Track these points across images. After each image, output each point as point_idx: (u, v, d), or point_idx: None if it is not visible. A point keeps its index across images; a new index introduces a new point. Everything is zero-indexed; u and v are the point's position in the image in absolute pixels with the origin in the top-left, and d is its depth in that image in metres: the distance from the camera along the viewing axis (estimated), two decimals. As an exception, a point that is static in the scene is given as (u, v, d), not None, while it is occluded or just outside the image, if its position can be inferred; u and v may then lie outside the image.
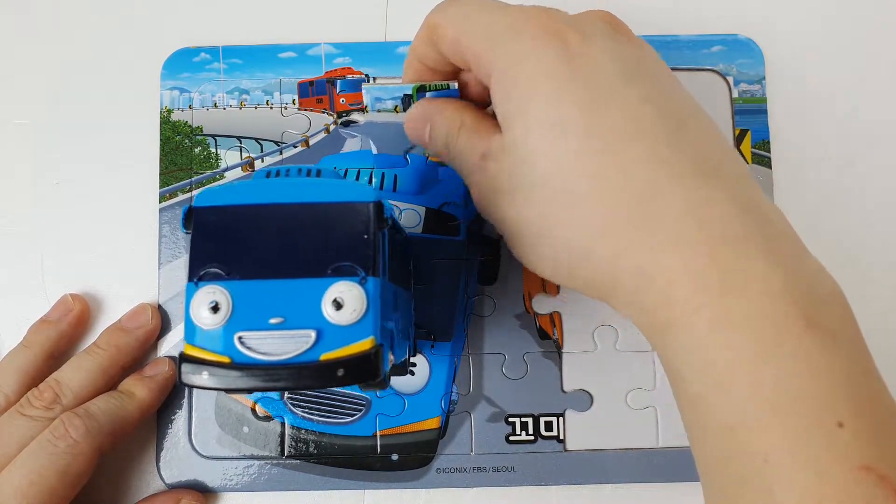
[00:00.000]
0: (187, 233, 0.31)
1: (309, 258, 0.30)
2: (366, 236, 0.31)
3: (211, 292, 0.30)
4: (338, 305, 0.29)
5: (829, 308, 0.30)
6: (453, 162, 0.39)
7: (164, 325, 0.47)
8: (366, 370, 0.29)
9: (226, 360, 0.29)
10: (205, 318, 0.30)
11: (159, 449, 0.46)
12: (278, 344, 0.29)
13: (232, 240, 0.31)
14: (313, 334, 0.29)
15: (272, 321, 0.30)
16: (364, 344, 0.29)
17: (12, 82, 0.51)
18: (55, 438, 0.40)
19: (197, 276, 0.30)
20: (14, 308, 0.48)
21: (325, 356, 0.29)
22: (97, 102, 0.50)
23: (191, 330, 0.30)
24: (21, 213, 0.49)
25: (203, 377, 0.29)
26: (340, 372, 0.29)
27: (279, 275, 0.30)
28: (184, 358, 0.30)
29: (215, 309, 0.30)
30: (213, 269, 0.30)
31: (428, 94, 0.40)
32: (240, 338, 0.29)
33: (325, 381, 0.29)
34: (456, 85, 0.39)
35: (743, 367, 0.29)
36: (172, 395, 0.47)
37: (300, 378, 0.29)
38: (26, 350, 0.45)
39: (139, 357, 0.47)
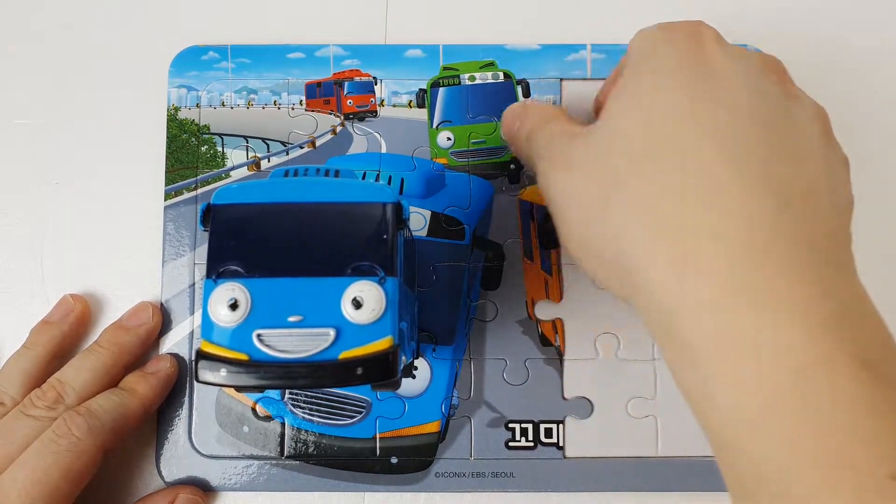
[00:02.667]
0: (205, 230, 0.31)
1: (328, 257, 0.30)
2: (385, 236, 0.31)
3: (230, 289, 0.30)
4: (357, 304, 0.30)
5: (887, 353, 0.28)
6: (531, 147, 0.38)
7: (164, 323, 0.47)
8: (384, 369, 0.29)
9: (244, 357, 0.29)
10: (223, 316, 0.30)
11: (159, 447, 0.46)
12: (297, 342, 0.29)
13: (251, 237, 0.31)
14: (332, 332, 0.29)
15: (291, 319, 0.30)
16: (382, 343, 0.30)
17: (13, 82, 0.50)
18: (57, 437, 0.40)
19: (216, 272, 0.30)
20: (14, 308, 0.48)
21: (343, 355, 0.29)
22: (104, 99, 0.50)
23: (208, 327, 0.30)
24: (21, 213, 0.49)
25: (221, 374, 0.29)
26: (359, 371, 0.29)
27: (298, 273, 0.30)
28: (201, 355, 0.30)
29: (234, 306, 0.30)
30: (231, 267, 0.30)
31: None
32: (258, 335, 0.29)
33: (344, 380, 0.29)
34: None
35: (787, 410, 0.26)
36: (173, 394, 0.46)
37: (319, 376, 0.29)
38: (29, 352, 0.45)
39: (141, 355, 0.46)
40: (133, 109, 0.50)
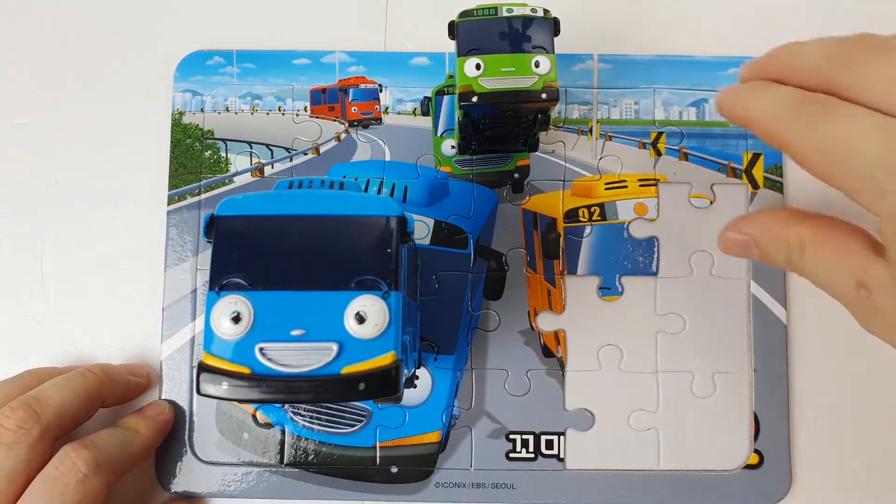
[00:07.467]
0: (209, 241, 0.31)
1: (332, 271, 0.30)
2: (389, 250, 0.31)
3: (233, 302, 0.30)
4: (360, 319, 0.29)
5: None
6: (806, 276, 0.32)
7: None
8: (387, 385, 0.29)
9: (246, 370, 0.29)
10: (226, 328, 0.29)
11: (159, 453, 0.46)
12: (299, 356, 0.29)
13: (254, 250, 0.31)
14: (335, 347, 0.29)
15: (294, 333, 0.29)
16: (385, 358, 0.29)
17: (14, 83, 0.50)
18: (63, 474, 0.37)
19: (219, 285, 0.30)
20: (14, 308, 0.48)
21: (346, 370, 0.29)
22: (108, 101, 0.50)
23: (210, 339, 0.30)
24: (21, 213, 0.49)
25: (223, 388, 0.29)
26: (362, 386, 0.29)
27: (301, 286, 0.30)
28: (203, 367, 0.29)
29: (237, 319, 0.29)
30: (235, 279, 0.30)
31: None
32: (261, 349, 0.29)
33: (346, 395, 0.29)
34: None
35: None
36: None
37: (321, 391, 0.29)
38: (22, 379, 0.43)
39: (121, 399, 0.45)
40: (137, 113, 0.50)
